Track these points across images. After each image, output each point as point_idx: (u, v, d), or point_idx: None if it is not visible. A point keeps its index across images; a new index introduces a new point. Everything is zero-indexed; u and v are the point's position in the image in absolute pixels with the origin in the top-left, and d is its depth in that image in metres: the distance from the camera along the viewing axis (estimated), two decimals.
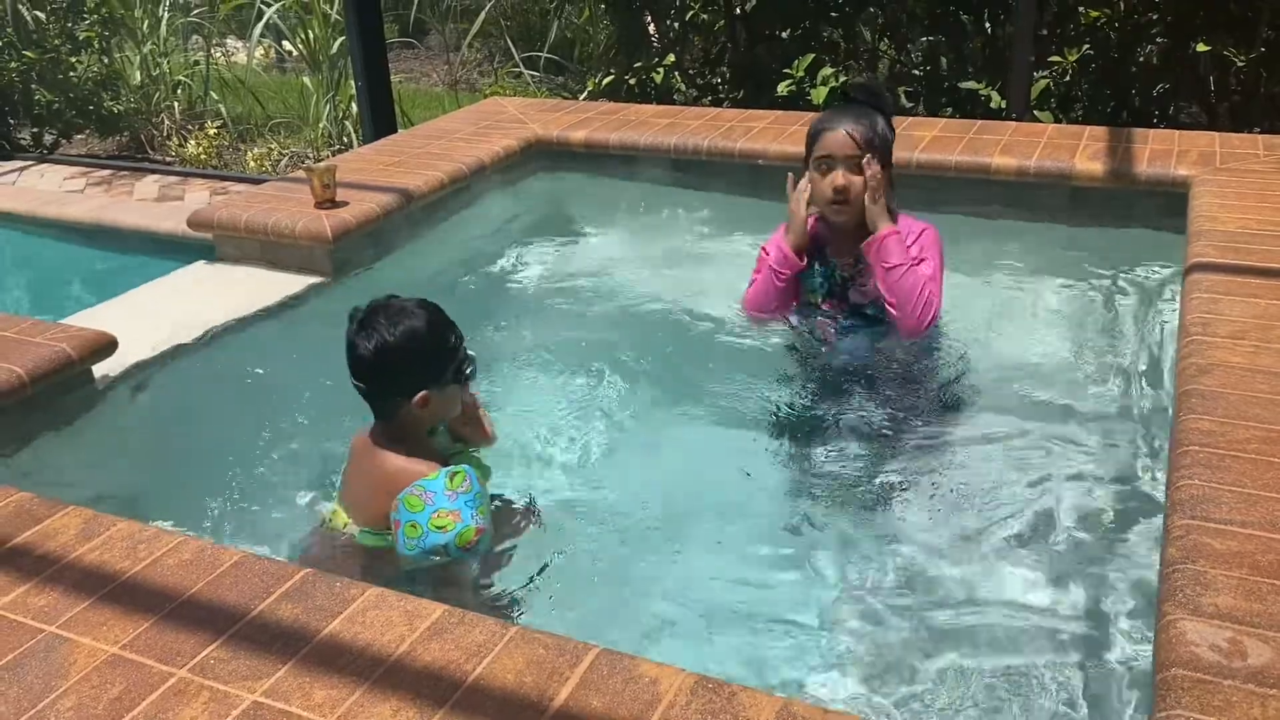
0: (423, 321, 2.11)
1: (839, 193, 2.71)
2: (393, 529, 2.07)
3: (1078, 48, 4.65)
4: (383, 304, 2.13)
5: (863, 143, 2.70)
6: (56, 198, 5.35)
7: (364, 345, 2.08)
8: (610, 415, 2.73)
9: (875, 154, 2.72)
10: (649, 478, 2.47)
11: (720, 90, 5.58)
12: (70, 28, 6.96)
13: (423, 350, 2.09)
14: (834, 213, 2.77)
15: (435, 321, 2.13)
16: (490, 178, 4.08)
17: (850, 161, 2.70)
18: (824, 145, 2.75)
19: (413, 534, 2.03)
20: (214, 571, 1.76)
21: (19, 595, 1.72)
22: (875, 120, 2.73)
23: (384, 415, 2.17)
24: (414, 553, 2.04)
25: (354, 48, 4.89)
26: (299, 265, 3.37)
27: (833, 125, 2.73)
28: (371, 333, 2.08)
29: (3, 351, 2.53)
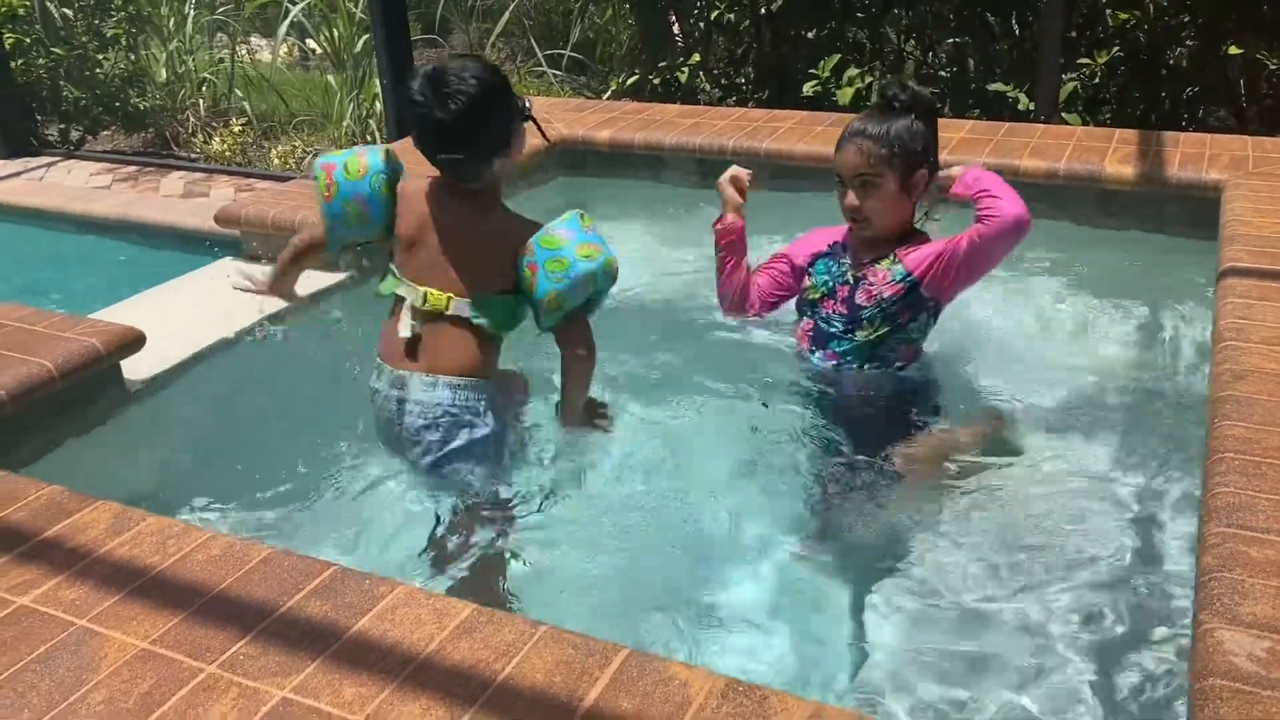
0: (483, 65, 2.09)
1: (852, 212, 2.57)
2: (529, 274, 2.10)
3: (1107, 50, 4.62)
4: (439, 69, 2.06)
5: (869, 160, 2.50)
6: (83, 193, 5.38)
7: (451, 107, 2.02)
8: (637, 417, 2.73)
9: (892, 169, 2.50)
10: (675, 480, 2.45)
11: (745, 90, 5.57)
12: (98, 25, 7.00)
13: (501, 91, 2.09)
14: (857, 230, 2.63)
15: (488, 63, 2.12)
16: (514, 177, 4.07)
17: (858, 180, 2.53)
18: (836, 163, 2.60)
19: (557, 268, 2.07)
20: (243, 567, 1.76)
21: (50, 588, 1.73)
22: (890, 129, 2.50)
23: (473, 178, 2.14)
24: (561, 285, 2.07)
25: (379, 46, 4.91)
26: (323, 260, 3.37)
27: (844, 142, 2.56)
28: (452, 94, 2.02)
29: (33, 346, 2.54)
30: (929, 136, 2.56)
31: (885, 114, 2.54)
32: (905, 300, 2.56)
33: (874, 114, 2.58)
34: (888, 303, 2.57)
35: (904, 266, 2.56)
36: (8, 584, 1.74)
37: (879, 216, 2.55)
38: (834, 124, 4.19)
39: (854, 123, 2.58)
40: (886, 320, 2.58)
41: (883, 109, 2.57)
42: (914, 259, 2.56)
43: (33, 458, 2.43)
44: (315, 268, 2.58)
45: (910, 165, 2.52)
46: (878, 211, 2.54)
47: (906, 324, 2.59)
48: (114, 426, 2.63)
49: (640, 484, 2.43)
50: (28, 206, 5.20)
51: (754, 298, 2.87)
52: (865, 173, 2.51)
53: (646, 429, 2.65)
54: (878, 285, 2.58)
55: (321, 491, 2.46)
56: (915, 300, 2.56)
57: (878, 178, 2.50)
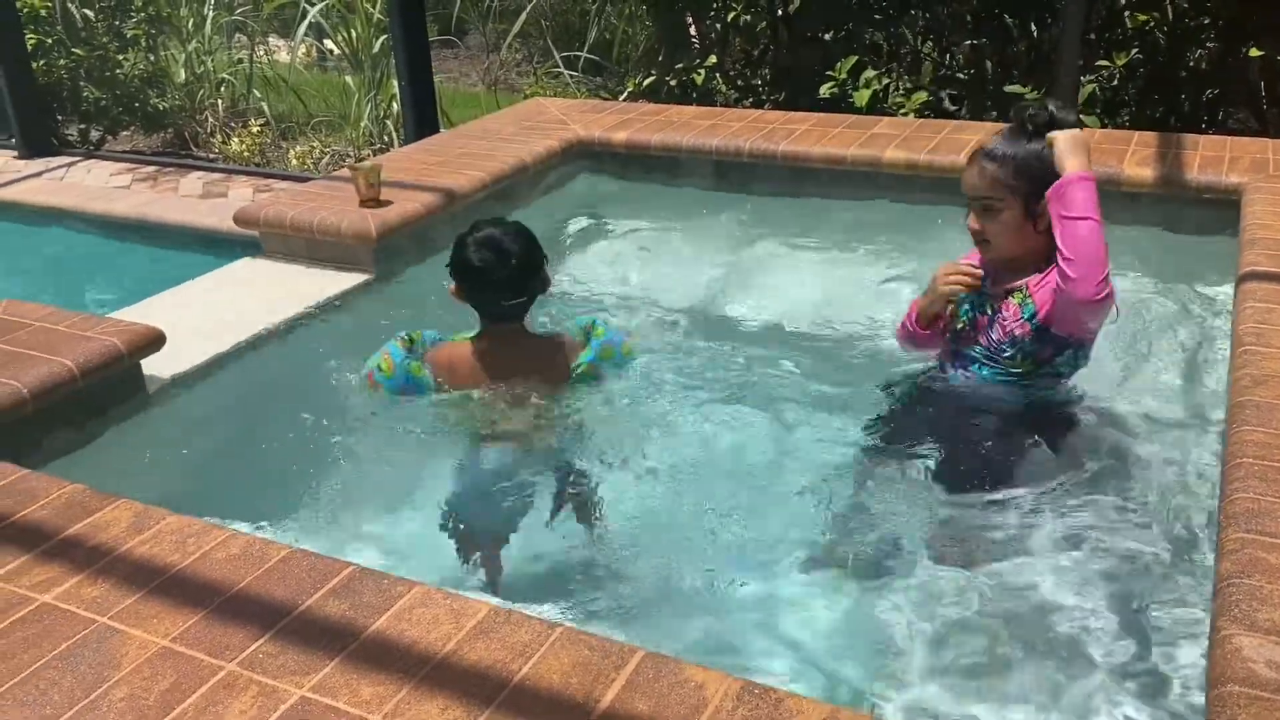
0: (518, 226, 2.52)
1: (975, 235, 2.44)
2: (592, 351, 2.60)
3: (1126, 52, 4.59)
4: (485, 232, 2.47)
5: (993, 184, 2.35)
6: (103, 193, 5.42)
7: (513, 261, 2.43)
8: (654, 419, 2.73)
9: (1015, 194, 2.34)
10: (693, 482, 2.46)
11: (761, 92, 5.57)
12: (118, 26, 7.06)
13: (537, 242, 2.52)
14: (980, 251, 2.49)
15: (518, 223, 2.55)
16: (532, 178, 4.09)
17: (979, 203, 2.39)
18: (962, 183, 2.45)
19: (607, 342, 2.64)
20: (262, 566, 1.77)
21: (72, 586, 1.74)
22: (1019, 153, 2.34)
23: (521, 315, 2.55)
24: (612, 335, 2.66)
25: (397, 48, 4.93)
26: (343, 262, 3.39)
27: (971, 161, 2.43)
28: (509, 250, 2.44)
29: (54, 345, 2.57)
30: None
31: (1019, 136, 2.37)
32: (1039, 340, 2.41)
33: (1008, 134, 2.41)
34: (1022, 342, 2.43)
35: (1033, 303, 2.40)
36: (30, 581, 1.76)
37: (1000, 240, 2.41)
38: (851, 126, 4.19)
39: (988, 144, 2.42)
40: (1028, 358, 2.44)
41: (1019, 130, 2.40)
42: (1043, 294, 2.39)
43: (53, 456, 2.45)
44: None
45: (1036, 193, 2.32)
46: (999, 236, 2.40)
47: (1051, 359, 2.44)
48: (134, 425, 2.65)
49: (658, 486, 2.43)
50: (49, 206, 5.25)
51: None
52: (985, 196, 2.38)
53: (663, 431, 2.65)
54: (1010, 323, 2.44)
55: (339, 491, 2.48)
56: (1050, 339, 2.41)
57: (998, 202, 2.36)
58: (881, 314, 3.33)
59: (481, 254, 2.43)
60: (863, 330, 3.26)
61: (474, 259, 2.43)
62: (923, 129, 4.10)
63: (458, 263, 2.47)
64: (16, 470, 2.07)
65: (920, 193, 3.84)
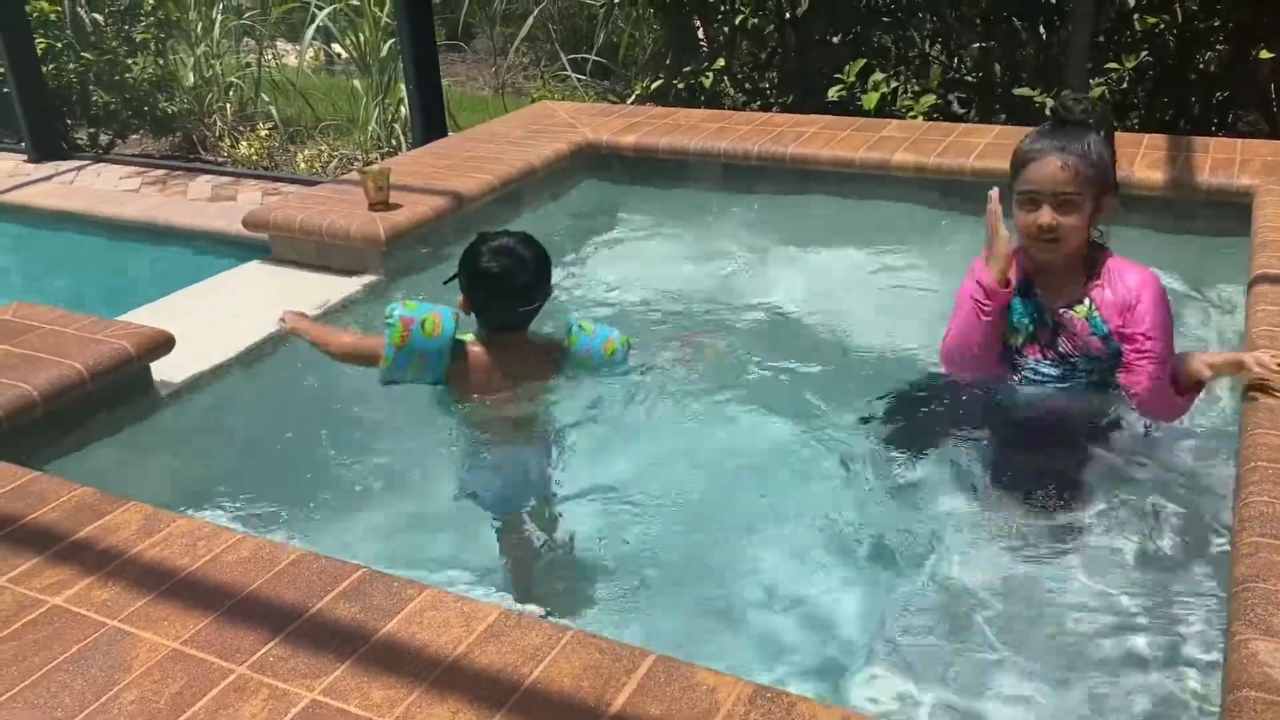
0: (526, 235, 2.52)
1: (1044, 231, 2.36)
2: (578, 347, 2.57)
3: (1135, 54, 4.58)
4: (498, 241, 2.46)
5: (1076, 177, 2.32)
6: (112, 197, 5.43)
7: (529, 267, 2.44)
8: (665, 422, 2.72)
9: (1092, 188, 2.34)
10: (705, 485, 2.45)
11: (769, 95, 5.56)
12: (127, 30, 7.08)
13: (546, 251, 2.53)
14: (1040, 250, 2.42)
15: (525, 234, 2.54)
16: (540, 181, 4.09)
17: (1059, 198, 2.33)
18: (1029, 178, 2.37)
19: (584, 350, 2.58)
20: (272, 569, 1.77)
21: (82, 589, 1.74)
22: (1089, 145, 2.33)
23: (529, 323, 2.54)
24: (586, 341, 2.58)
25: (405, 52, 4.94)
26: (352, 266, 3.40)
27: (1040, 153, 2.35)
28: (524, 257, 2.44)
29: (65, 348, 2.57)
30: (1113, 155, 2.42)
31: (1077, 129, 2.36)
32: (1108, 352, 2.43)
33: (1062, 129, 2.38)
34: (1097, 354, 2.44)
35: (1100, 316, 2.42)
36: (41, 584, 1.76)
37: (1071, 237, 2.37)
38: (859, 129, 4.19)
39: (1042, 137, 2.39)
40: (1097, 367, 2.46)
41: (1072, 123, 2.38)
42: (1109, 308, 2.42)
43: (63, 458, 2.46)
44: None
45: (1105, 187, 2.36)
46: (1072, 232, 2.36)
47: (1114, 368, 2.46)
48: (143, 428, 2.65)
49: (670, 489, 2.42)
50: (58, 209, 5.26)
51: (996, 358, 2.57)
52: (1068, 191, 2.32)
53: (674, 433, 2.65)
54: (1081, 337, 2.44)
55: (349, 493, 2.47)
56: (1117, 353, 2.43)
57: (1078, 196, 2.33)
58: (893, 315, 3.32)
59: (500, 261, 2.43)
60: (873, 332, 3.25)
61: (493, 267, 2.42)
62: (931, 132, 4.10)
63: (474, 274, 2.44)
64: (27, 472, 2.07)
65: (929, 195, 3.83)
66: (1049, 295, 2.49)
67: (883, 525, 2.30)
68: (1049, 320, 2.49)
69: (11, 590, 1.75)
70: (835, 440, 2.65)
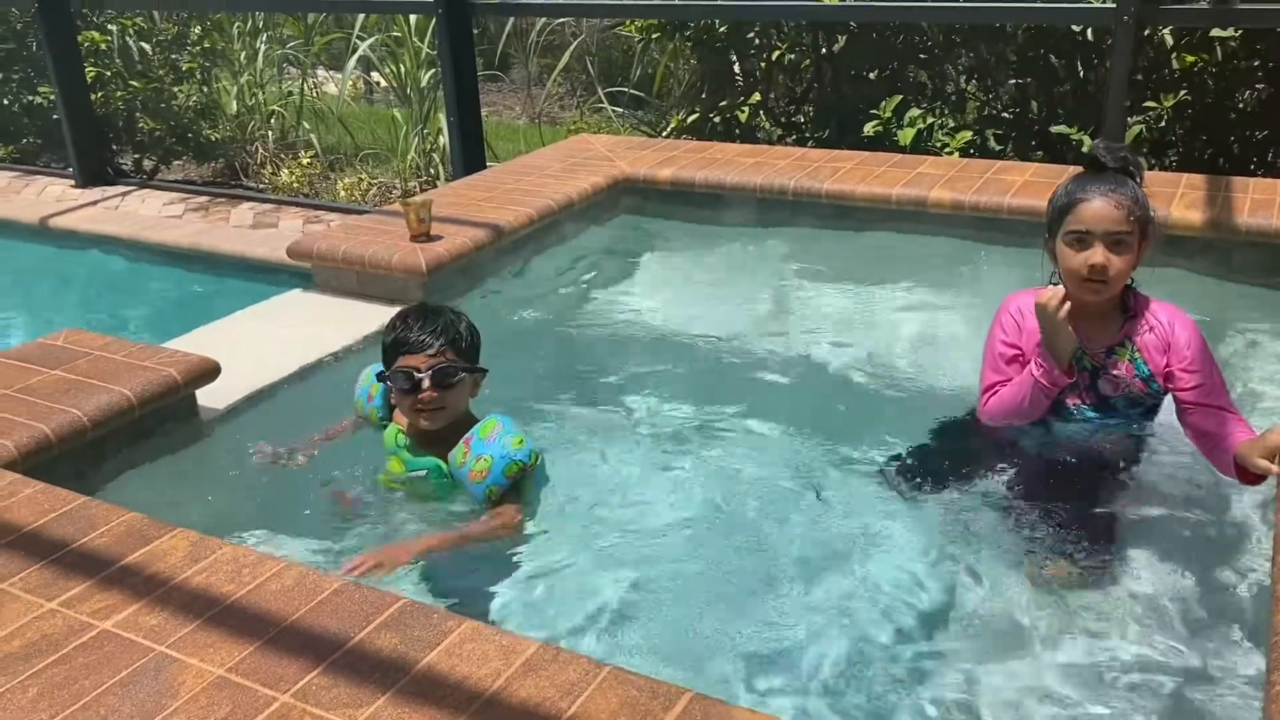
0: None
1: (1096, 272, 2.37)
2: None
3: (1174, 93, 4.58)
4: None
5: (1129, 217, 2.35)
6: (157, 222, 5.54)
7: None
8: (704, 459, 2.74)
9: (1141, 231, 2.38)
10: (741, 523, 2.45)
11: (804, 129, 5.59)
12: (174, 59, 7.24)
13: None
14: (1087, 291, 2.42)
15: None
16: (578, 214, 4.14)
17: (1112, 237, 2.36)
18: (1081, 218, 2.38)
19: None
20: (315, 598, 1.80)
21: (131, 614, 1.78)
22: (1132, 188, 2.39)
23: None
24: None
25: (448, 84, 5.03)
26: (393, 296, 3.45)
27: (1091, 194, 2.38)
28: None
29: (114, 374, 2.63)
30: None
31: (1118, 176, 2.42)
32: (1154, 394, 2.49)
33: (1106, 176, 2.43)
34: (1139, 397, 2.49)
35: (1143, 359, 2.47)
36: (90, 608, 1.80)
37: (1119, 279, 2.40)
38: (895, 165, 4.20)
39: (1088, 181, 2.43)
40: (1139, 410, 2.51)
41: (1111, 170, 2.43)
42: (1150, 349, 2.46)
43: (109, 482, 2.51)
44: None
45: (1148, 230, 2.42)
46: (1121, 274, 2.39)
47: (1155, 408, 2.53)
48: (188, 454, 2.70)
49: (705, 526, 2.43)
50: (104, 234, 5.36)
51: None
52: (1122, 231, 2.36)
53: (714, 471, 2.66)
54: (1125, 379, 2.48)
55: (385, 522, 2.50)
56: (1159, 395, 2.50)
57: (1130, 236, 2.37)
58: (927, 354, 3.33)
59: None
60: (908, 370, 3.26)
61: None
62: (967, 169, 4.11)
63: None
64: (77, 497, 2.12)
65: (966, 232, 3.84)
66: (1087, 338, 2.50)
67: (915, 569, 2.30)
68: (1088, 364, 2.51)
69: (62, 614, 1.79)
70: (865, 479, 2.65)
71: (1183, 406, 2.44)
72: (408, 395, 2.43)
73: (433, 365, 2.41)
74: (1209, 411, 2.39)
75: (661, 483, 2.62)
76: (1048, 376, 2.44)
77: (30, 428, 2.39)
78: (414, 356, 2.43)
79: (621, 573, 2.25)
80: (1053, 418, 2.56)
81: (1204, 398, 2.40)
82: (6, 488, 2.15)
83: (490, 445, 2.39)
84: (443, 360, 2.42)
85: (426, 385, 2.40)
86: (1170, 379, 2.45)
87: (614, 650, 2.04)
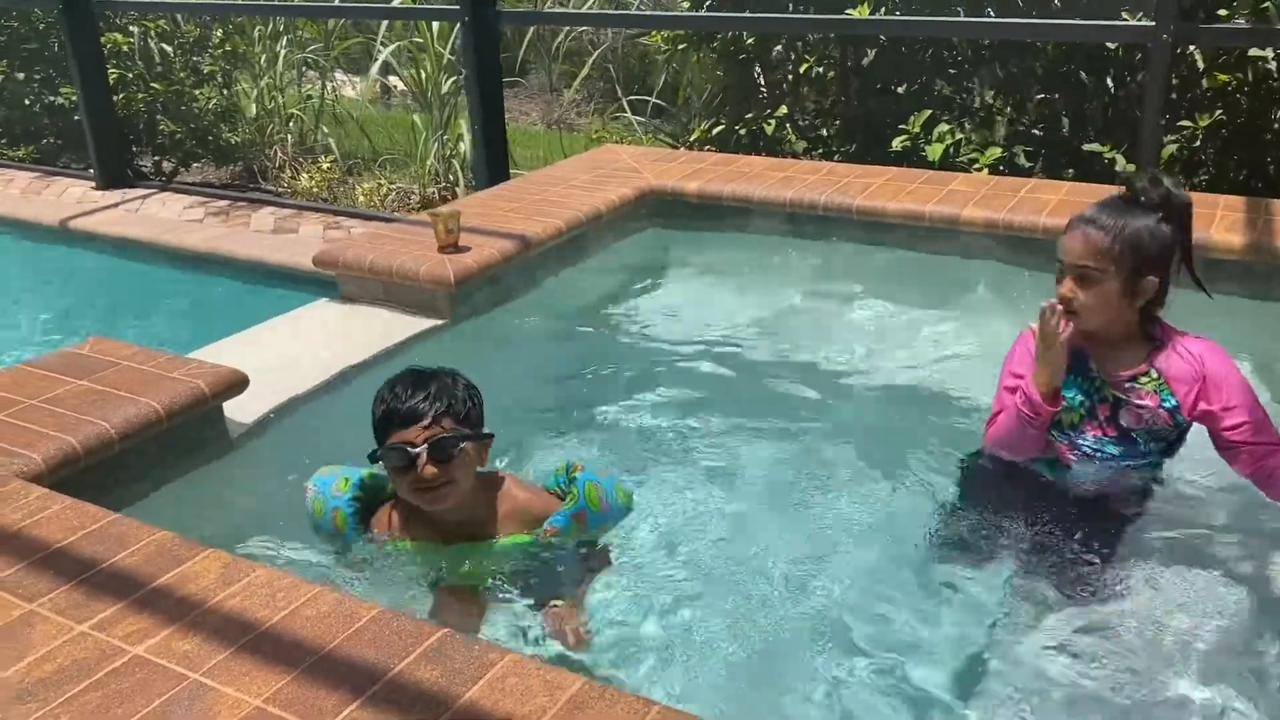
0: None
1: (1063, 302, 2.34)
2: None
3: (1209, 113, 4.52)
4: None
5: (1093, 252, 2.29)
6: (177, 226, 5.51)
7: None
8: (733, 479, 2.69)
9: (1119, 265, 2.30)
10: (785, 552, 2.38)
11: (830, 143, 5.55)
12: (195, 61, 7.22)
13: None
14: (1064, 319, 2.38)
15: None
16: (605, 225, 4.09)
17: (1080, 270, 2.31)
18: (1059, 246, 2.38)
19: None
20: (352, 626, 1.75)
21: (164, 639, 1.74)
22: (1128, 224, 2.29)
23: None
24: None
25: (471, 90, 4.99)
26: (419, 307, 3.41)
27: (1073, 225, 2.36)
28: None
29: (141, 386, 2.59)
30: (1173, 242, 2.34)
31: (1128, 207, 2.33)
32: (1175, 426, 2.41)
33: (1114, 204, 2.36)
34: (1163, 430, 2.40)
35: (1169, 389, 2.38)
36: (122, 632, 1.75)
37: (1089, 313, 2.35)
38: (926, 181, 4.15)
39: (1090, 207, 2.37)
40: (1161, 443, 2.43)
41: (1127, 201, 2.36)
42: (1180, 383, 2.38)
43: (137, 497, 2.47)
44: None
45: (1140, 268, 2.30)
46: (1089, 309, 2.34)
47: (1179, 440, 2.45)
48: (215, 466, 2.66)
49: (745, 555, 2.37)
50: (125, 237, 5.34)
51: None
52: (1086, 264, 2.31)
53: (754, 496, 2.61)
54: (1149, 410, 2.39)
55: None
56: (1184, 426, 2.42)
57: (1098, 271, 2.30)
58: (958, 375, 3.27)
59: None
60: (937, 392, 3.20)
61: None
62: (1000, 187, 4.05)
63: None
64: (107, 514, 2.08)
65: (1000, 252, 3.79)
66: (1108, 366, 2.43)
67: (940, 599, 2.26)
68: (1108, 395, 2.42)
69: (94, 637, 1.74)
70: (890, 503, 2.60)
71: (1231, 445, 2.36)
72: (404, 474, 2.15)
73: (428, 438, 2.12)
74: (1261, 449, 2.33)
75: (696, 508, 2.56)
76: (1028, 404, 2.38)
77: (57, 440, 2.35)
78: (407, 430, 2.13)
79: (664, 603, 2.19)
80: (1072, 453, 2.48)
81: (1254, 436, 2.33)
82: (35, 503, 2.11)
83: (610, 514, 2.31)
84: (439, 431, 2.12)
85: (423, 460, 2.12)
86: (1210, 419, 2.37)
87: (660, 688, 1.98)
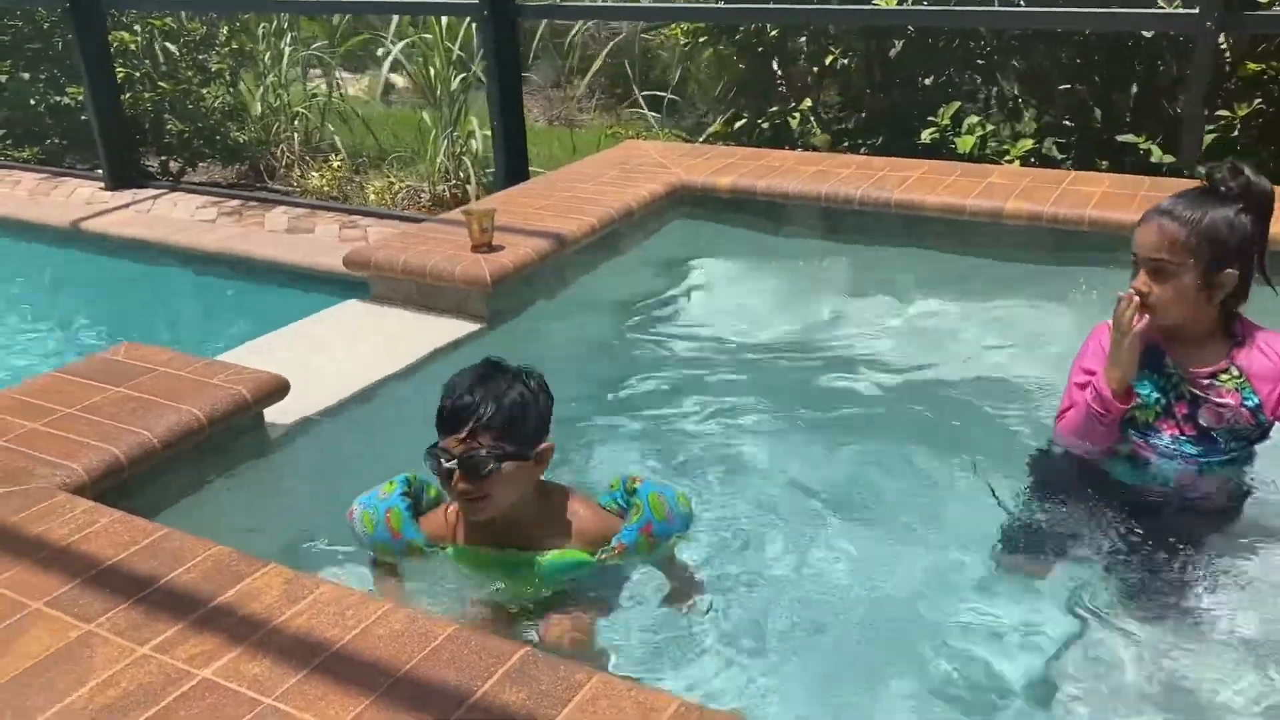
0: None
1: (1135, 294, 2.29)
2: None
3: (1248, 102, 4.44)
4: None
5: (1169, 244, 2.23)
6: (190, 226, 5.40)
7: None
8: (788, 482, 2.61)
9: (1196, 258, 2.23)
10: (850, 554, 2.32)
11: (855, 136, 5.46)
12: (202, 60, 7.11)
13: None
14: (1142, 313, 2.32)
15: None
16: (636, 222, 4.00)
17: (1154, 264, 2.25)
18: (1133, 239, 2.31)
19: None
20: (428, 645, 1.67)
21: (230, 661, 1.64)
22: (1206, 214, 2.22)
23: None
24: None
25: (491, 89, 4.91)
26: (454, 308, 3.32)
27: (1148, 216, 2.29)
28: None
29: (180, 392, 2.50)
30: (1254, 234, 2.26)
31: (1205, 198, 2.26)
32: (1261, 427, 2.34)
33: (1193, 195, 2.29)
34: (1245, 430, 2.33)
35: (1252, 387, 2.30)
36: (186, 653, 1.66)
37: (1165, 308, 2.28)
38: (963, 174, 4.07)
39: (1166, 199, 2.30)
40: (1242, 441, 2.35)
41: (1205, 192, 2.29)
42: (1264, 380, 2.30)
43: (180, 507, 2.38)
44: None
45: (1218, 261, 2.23)
46: (1165, 302, 2.27)
47: (1259, 440, 2.37)
48: (257, 473, 2.57)
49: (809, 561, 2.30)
50: (137, 238, 5.24)
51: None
52: (1160, 257, 2.24)
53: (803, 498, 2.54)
54: (1231, 409, 2.31)
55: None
56: (1265, 425, 2.34)
57: (1174, 265, 2.24)
58: (1005, 372, 3.19)
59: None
60: (984, 390, 3.11)
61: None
62: (1040, 179, 3.97)
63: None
64: (159, 528, 1.98)
65: (1043, 245, 3.70)
66: (1186, 363, 2.35)
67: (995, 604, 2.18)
68: (1186, 392, 2.35)
69: (157, 660, 1.65)
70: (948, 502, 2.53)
71: None
72: (443, 481, 2.03)
73: (463, 452, 1.97)
74: None
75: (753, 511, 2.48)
76: (1099, 401, 2.32)
77: (100, 450, 2.26)
78: (448, 437, 2.00)
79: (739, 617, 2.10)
80: (1150, 454, 2.40)
81: None
82: (82, 516, 2.02)
83: (675, 523, 2.15)
84: (474, 446, 1.96)
85: (457, 475, 1.98)
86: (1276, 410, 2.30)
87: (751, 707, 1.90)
